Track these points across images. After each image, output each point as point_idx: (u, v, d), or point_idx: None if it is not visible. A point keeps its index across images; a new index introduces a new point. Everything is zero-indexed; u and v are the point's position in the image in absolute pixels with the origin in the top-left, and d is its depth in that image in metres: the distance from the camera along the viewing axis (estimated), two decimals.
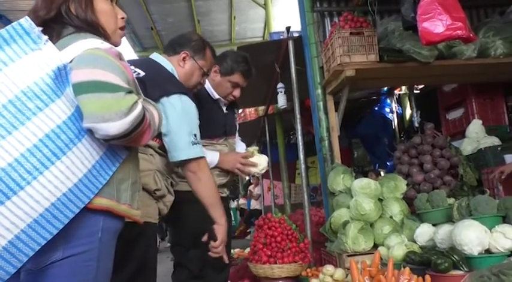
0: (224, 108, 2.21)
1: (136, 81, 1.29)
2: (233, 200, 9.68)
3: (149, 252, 1.61)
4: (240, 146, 2.29)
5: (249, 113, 7.53)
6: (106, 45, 1.18)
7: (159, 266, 1.77)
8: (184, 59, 1.80)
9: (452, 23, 2.45)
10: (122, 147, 1.21)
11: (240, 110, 7.52)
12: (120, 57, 1.22)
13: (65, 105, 1.10)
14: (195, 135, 1.65)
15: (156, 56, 1.85)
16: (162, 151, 1.70)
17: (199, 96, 1.91)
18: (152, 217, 1.65)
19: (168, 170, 1.79)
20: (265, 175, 8.79)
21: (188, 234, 1.93)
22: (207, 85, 2.13)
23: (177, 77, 1.77)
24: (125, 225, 1.32)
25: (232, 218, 7.85)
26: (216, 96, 2.15)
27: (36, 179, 1.04)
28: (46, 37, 1.13)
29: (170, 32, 8.61)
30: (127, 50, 9.18)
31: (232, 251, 5.16)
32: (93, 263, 1.14)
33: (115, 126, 1.08)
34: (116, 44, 1.31)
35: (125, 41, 9.32)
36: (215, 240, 1.72)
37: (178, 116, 1.62)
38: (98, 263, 1.15)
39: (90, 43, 1.16)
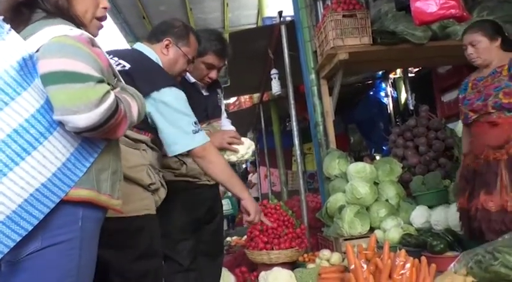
0: (203, 91, 2.10)
1: (113, 68, 1.24)
2: None
3: (153, 243, 1.59)
4: (228, 128, 2.20)
5: (244, 100, 7.48)
6: (76, 31, 1.12)
7: None
8: (167, 46, 1.74)
9: (446, 1, 2.40)
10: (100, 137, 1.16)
11: (235, 98, 7.48)
12: (92, 43, 1.16)
13: (33, 97, 1.06)
14: (195, 123, 1.63)
15: (140, 46, 1.79)
16: (154, 145, 1.68)
17: None
18: (151, 209, 1.64)
19: (160, 164, 1.77)
20: (261, 162, 8.79)
21: (176, 225, 1.88)
22: None
23: (161, 65, 1.72)
24: (125, 218, 1.29)
25: (231, 206, 7.84)
26: (192, 79, 2.03)
27: (7, 175, 1.01)
28: (8, 26, 1.07)
29: (162, 20, 8.49)
30: (119, 40, 9.07)
31: (229, 238, 5.18)
32: (76, 251, 1.11)
33: (84, 118, 1.03)
34: (92, 35, 1.23)
35: (116, 30, 9.25)
36: (248, 215, 1.75)
37: (172, 110, 1.59)
38: (81, 252, 1.12)
39: (58, 30, 1.10)
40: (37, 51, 1.08)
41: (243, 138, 2.07)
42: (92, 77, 1.06)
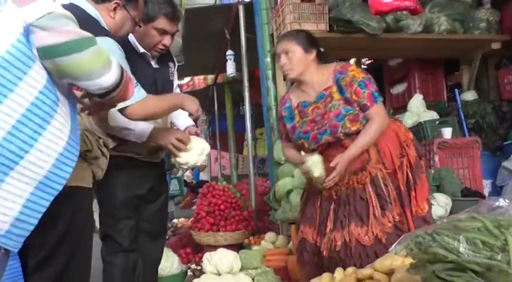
0: (153, 63, 1.97)
1: None
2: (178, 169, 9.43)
3: (76, 217, 1.47)
4: (182, 116, 2.06)
5: (198, 81, 7.33)
6: (62, 9, 1.15)
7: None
8: (115, 9, 1.62)
9: None
10: (76, 115, 1.19)
11: (189, 78, 7.31)
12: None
13: (40, 68, 1.06)
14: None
15: (79, 1, 1.65)
16: None
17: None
18: (85, 180, 1.52)
19: (103, 131, 1.65)
20: (213, 145, 8.72)
21: (117, 203, 1.78)
22: (131, 38, 1.89)
23: (104, 26, 1.59)
24: None
25: (177, 187, 7.73)
26: (141, 50, 1.90)
27: (29, 152, 1.02)
28: None
29: None
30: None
31: (176, 220, 5.11)
32: None
33: (109, 76, 1.11)
34: None
35: None
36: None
37: None
38: None
39: (48, 5, 1.09)
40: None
41: (198, 139, 1.88)
42: (95, 39, 1.13)
